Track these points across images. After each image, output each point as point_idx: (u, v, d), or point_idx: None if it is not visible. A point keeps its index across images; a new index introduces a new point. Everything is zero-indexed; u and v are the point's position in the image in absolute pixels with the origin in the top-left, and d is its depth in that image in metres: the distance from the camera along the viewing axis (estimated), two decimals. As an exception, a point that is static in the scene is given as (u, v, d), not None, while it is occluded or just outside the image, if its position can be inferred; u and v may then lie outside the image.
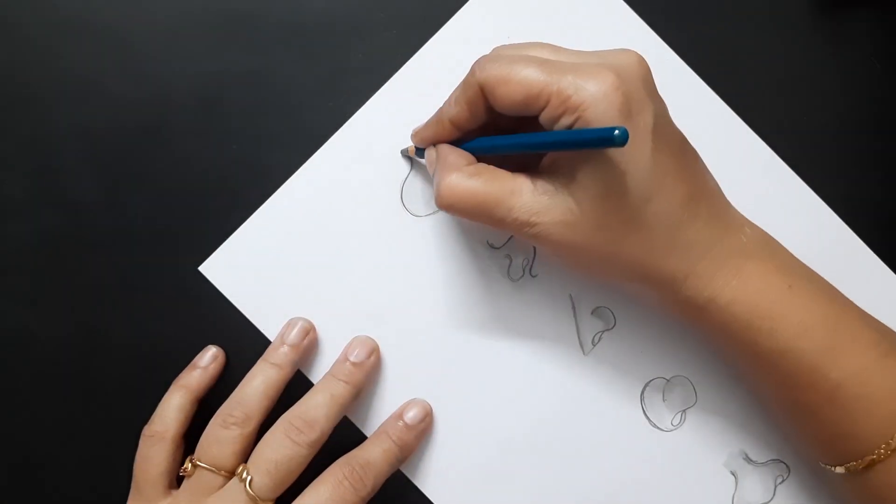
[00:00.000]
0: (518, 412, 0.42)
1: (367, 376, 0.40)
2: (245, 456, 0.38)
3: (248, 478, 0.36)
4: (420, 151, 0.39)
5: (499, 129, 0.37)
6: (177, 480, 0.39)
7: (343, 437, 0.40)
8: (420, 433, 0.41)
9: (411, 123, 0.41)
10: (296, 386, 0.40)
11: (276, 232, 0.41)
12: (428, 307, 0.41)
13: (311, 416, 0.37)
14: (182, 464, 0.39)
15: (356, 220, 0.41)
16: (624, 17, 0.41)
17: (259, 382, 0.38)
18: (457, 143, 0.37)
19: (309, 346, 0.40)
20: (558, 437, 0.42)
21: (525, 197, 0.34)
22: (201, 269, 0.41)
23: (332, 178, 0.41)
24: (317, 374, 0.41)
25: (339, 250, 0.41)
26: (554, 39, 0.41)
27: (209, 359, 0.41)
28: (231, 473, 0.37)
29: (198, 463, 0.37)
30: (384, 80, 0.41)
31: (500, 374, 0.42)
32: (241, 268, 0.41)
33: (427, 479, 0.42)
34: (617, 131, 0.28)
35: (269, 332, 0.41)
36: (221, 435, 0.37)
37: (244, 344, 0.41)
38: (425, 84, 0.41)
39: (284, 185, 0.41)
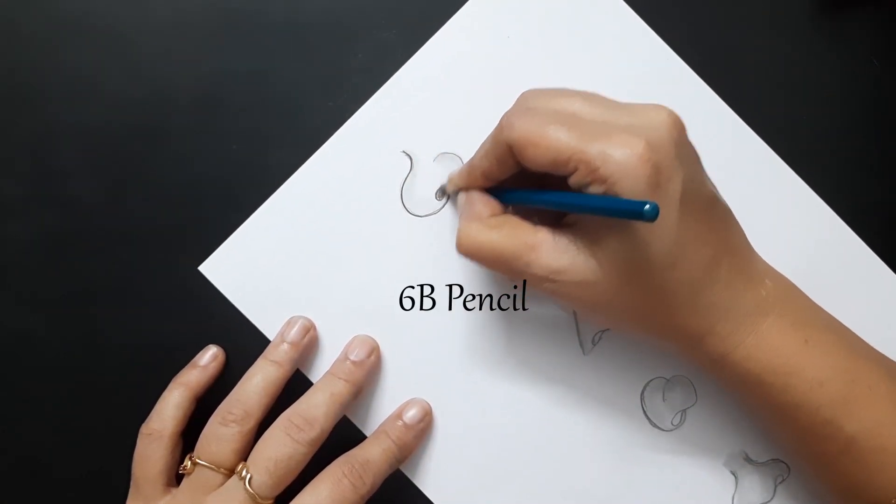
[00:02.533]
0: (518, 412, 0.42)
1: (367, 375, 0.40)
2: (245, 454, 0.38)
3: (248, 476, 0.36)
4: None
5: (532, 176, 0.36)
6: (177, 478, 0.39)
7: (343, 437, 0.40)
8: (419, 433, 0.41)
9: (411, 123, 0.41)
10: (296, 386, 0.40)
11: (275, 232, 0.41)
12: (427, 307, 0.41)
13: (311, 414, 0.37)
14: (181, 462, 0.39)
15: (356, 220, 0.41)
16: (624, 16, 0.41)
17: (259, 380, 0.39)
18: (491, 189, 0.37)
19: (309, 345, 0.40)
20: (558, 436, 0.42)
21: (544, 254, 0.34)
22: (201, 268, 0.41)
23: (331, 177, 0.41)
24: (317, 374, 0.41)
25: (339, 250, 0.41)
26: (554, 40, 0.41)
27: (209, 358, 0.41)
28: (231, 471, 0.37)
29: (197, 461, 0.37)
30: (384, 80, 0.41)
31: (499, 373, 0.41)
32: (240, 267, 0.41)
33: (426, 479, 0.42)
34: (647, 206, 0.28)
35: (269, 331, 0.41)
36: (221, 432, 0.37)
37: (244, 344, 0.41)
38: (425, 84, 0.41)
39: (284, 184, 0.41)
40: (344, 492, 0.37)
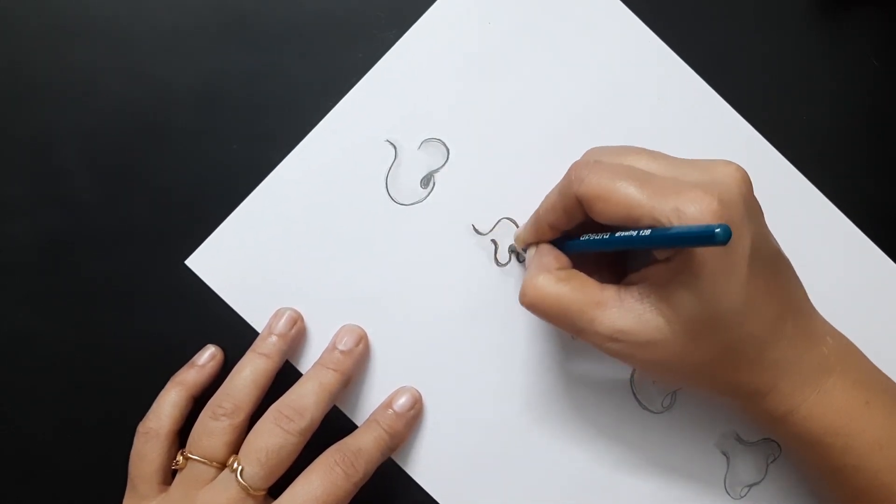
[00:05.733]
0: (508, 397, 0.42)
1: (355, 364, 0.40)
2: (236, 447, 0.38)
3: (240, 468, 0.36)
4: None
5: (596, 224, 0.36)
6: (172, 476, 0.39)
7: (334, 429, 0.40)
8: (410, 420, 0.41)
9: (394, 112, 0.41)
10: (286, 377, 0.40)
11: (261, 224, 0.41)
12: (415, 294, 0.41)
13: (301, 404, 0.38)
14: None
15: (342, 210, 0.41)
16: (618, 11, 0.41)
17: (248, 373, 0.39)
18: (559, 239, 0.38)
19: (297, 336, 0.41)
20: (549, 421, 0.42)
21: (609, 311, 0.34)
22: (188, 262, 0.41)
23: (316, 168, 0.41)
24: (305, 365, 0.41)
25: (326, 240, 0.41)
26: (535, 25, 0.41)
27: (207, 358, 0.41)
28: (223, 465, 0.37)
29: (189, 455, 0.37)
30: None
31: (488, 360, 0.42)
32: (227, 261, 0.41)
33: (417, 466, 0.42)
34: (718, 229, 0.27)
35: (258, 323, 0.41)
36: (211, 426, 0.38)
37: (244, 343, 0.40)
38: (407, 72, 0.41)
39: (269, 176, 0.41)
40: (336, 480, 0.37)
